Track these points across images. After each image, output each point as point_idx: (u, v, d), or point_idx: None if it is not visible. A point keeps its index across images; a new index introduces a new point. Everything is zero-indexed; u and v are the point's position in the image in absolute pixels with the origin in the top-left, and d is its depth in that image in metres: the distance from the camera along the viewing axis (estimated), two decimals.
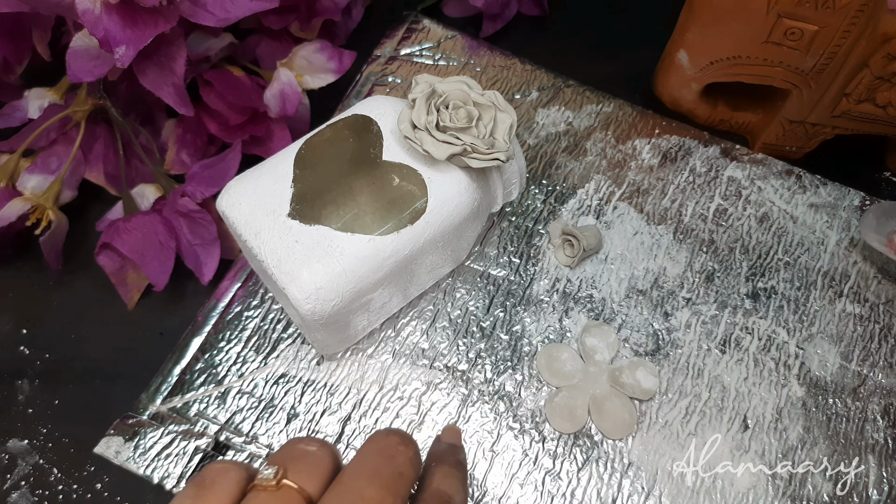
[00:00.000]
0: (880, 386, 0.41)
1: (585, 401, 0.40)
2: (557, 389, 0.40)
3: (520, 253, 0.43)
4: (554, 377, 0.40)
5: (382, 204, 0.36)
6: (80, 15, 0.37)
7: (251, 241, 0.36)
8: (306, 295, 0.35)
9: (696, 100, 0.48)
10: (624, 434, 0.39)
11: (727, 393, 0.40)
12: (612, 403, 0.39)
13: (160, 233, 0.41)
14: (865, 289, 0.44)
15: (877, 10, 0.38)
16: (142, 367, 0.41)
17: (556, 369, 0.40)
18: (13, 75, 0.45)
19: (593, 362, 0.40)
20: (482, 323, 0.42)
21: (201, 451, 0.38)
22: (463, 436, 0.39)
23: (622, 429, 0.39)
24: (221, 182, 0.41)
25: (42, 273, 0.45)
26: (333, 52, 0.46)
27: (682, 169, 0.47)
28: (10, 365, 0.42)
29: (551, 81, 0.49)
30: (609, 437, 0.39)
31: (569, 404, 0.39)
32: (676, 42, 0.46)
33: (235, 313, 0.41)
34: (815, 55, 0.42)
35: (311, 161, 0.37)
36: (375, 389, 0.40)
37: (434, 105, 0.37)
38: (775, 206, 0.46)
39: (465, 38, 0.50)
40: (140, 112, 0.46)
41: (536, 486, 0.38)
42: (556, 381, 0.40)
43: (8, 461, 0.40)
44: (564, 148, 0.47)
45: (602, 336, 0.41)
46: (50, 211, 0.42)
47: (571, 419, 0.39)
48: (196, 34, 0.43)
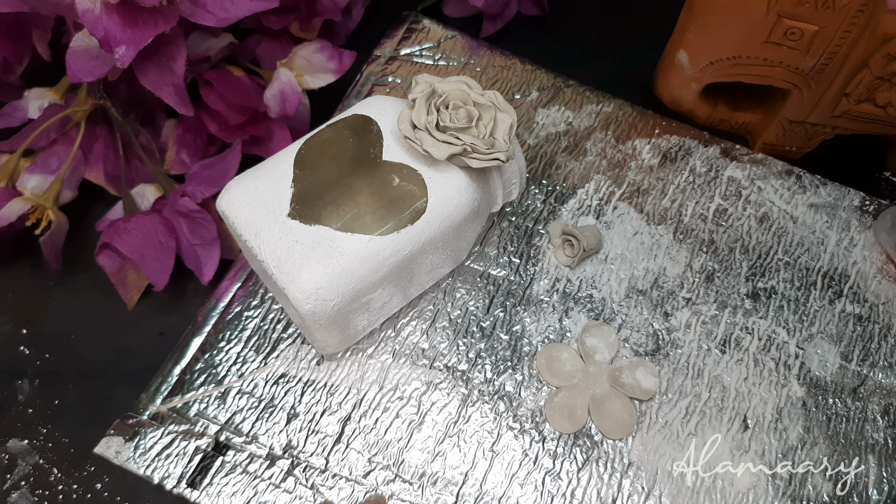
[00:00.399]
0: (880, 386, 0.41)
1: (585, 401, 0.40)
2: (557, 389, 0.40)
3: (520, 253, 0.44)
4: (554, 377, 0.40)
5: (382, 204, 0.36)
6: (80, 15, 0.37)
7: (251, 241, 0.36)
8: (306, 295, 0.35)
9: (696, 100, 0.48)
10: (624, 434, 0.39)
11: (727, 393, 0.40)
12: (611, 403, 0.39)
13: (160, 233, 0.41)
14: (865, 289, 0.44)
15: (877, 10, 0.38)
16: (142, 367, 0.41)
17: (556, 369, 0.40)
18: (13, 75, 0.45)
19: (593, 362, 0.40)
20: (482, 323, 0.42)
21: (201, 451, 0.38)
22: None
23: (622, 429, 0.39)
24: (221, 182, 0.41)
25: (42, 273, 0.45)
26: (333, 52, 0.46)
27: (682, 169, 0.47)
28: (10, 365, 0.42)
29: (551, 81, 0.49)
30: (609, 437, 0.39)
31: (569, 404, 0.39)
32: (676, 42, 0.46)
33: (235, 313, 0.41)
34: (815, 55, 0.42)
35: (311, 161, 0.37)
36: (375, 389, 0.40)
37: (434, 105, 0.37)
38: (775, 206, 0.46)
39: (465, 38, 0.50)
40: (140, 112, 0.46)
41: (536, 486, 0.38)
42: (556, 381, 0.40)
43: (8, 461, 0.40)
44: (564, 148, 0.47)
45: (602, 336, 0.41)
46: (50, 211, 0.42)
47: (571, 419, 0.39)
48: (196, 34, 0.43)
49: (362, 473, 0.38)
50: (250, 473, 0.37)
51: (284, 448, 0.38)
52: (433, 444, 0.39)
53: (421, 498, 0.37)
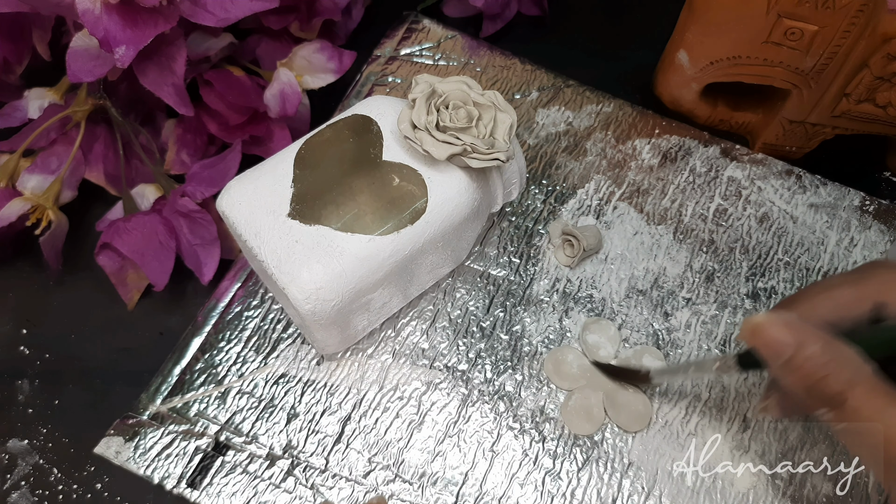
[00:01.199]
0: None
1: (599, 399, 0.39)
2: (570, 393, 0.40)
3: (520, 253, 0.43)
4: (564, 381, 0.40)
5: (382, 204, 0.36)
6: (80, 15, 0.37)
7: (251, 241, 0.36)
8: (306, 295, 0.35)
9: (696, 100, 0.48)
10: (642, 426, 0.39)
11: (727, 393, 0.40)
12: (624, 396, 0.39)
13: (160, 233, 0.41)
14: None
15: (877, 10, 0.38)
16: (142, 367, 0.41)
17: (564, 373, 0.40)
18: (13, 75, 0.45)
19: (599, 358, 0.40)
20: (482, 323, 0.42)
21: (201, 451, 0.38)
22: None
23: (639, 420, 0.39)
24: (221, 182, 0.41)
25: (42, 273, 0.45)
26: (333, 52, 0.46)
27: (682, 169, 0.47)
28: (10, 365, 0.42)
29: (551, 81, 0.49)
30: (628, 430, 0.39)
31: (584, 405, 0.39)
32: (676, 42, 0.46)
33: (235, 313, 0.41)
34: (815, 55, 0.42)
35: (311, 161, 0.37)
36: (375, 389, 0.40)
37: (434, 105, 0.37)
38: (775, 206, 0.46)
39: (465, 38, 0.50)
40: (140, 112, 0.46)
41: (536, 486, 0.38)
42: (568, 384, 0.40)
43: (8, 461, 0.40)
44: (564, 148, 0.47)
45: (602, 331, 0.41)
46: (50, 211, 0.42)
47: (590, 419, 0.39)
48: (196, 34, 0.43)
49: (362, 473, 0.38)
50: (250, 473, 0.37)
51: (284, 448, 0.38)
52: (433, 444, 0.39)
53: (421, 498, 0.37)
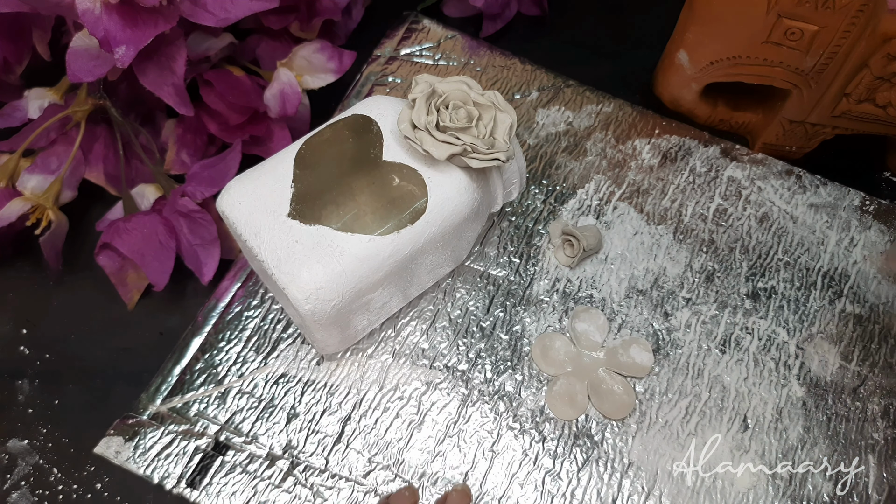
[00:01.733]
0: (880, 386, 0.41)
1: (584, 386, 0.40)
2: (555, 378, 0.40)
3: (520, 253, 0.43)
4: (550, 366, 0.40)
5: (382, 204, 0.36)
6: (80, 15, 0.37)
7: (251, 241, 0.36)
8: (306, 295, 0.35)
9: (696, 100, 0.48)
10: (624, 414, 0.39)
11: (727, 393, 0.40)
12: (608, 385, 0.40)
13: (160, 233, 0.41)
14: (865, 289, 0.44)
15: (877, 10, 0.38)
16: (142, 367, 0.41)
17: (551, 358, 0.40)
18: (13, 75, 0.45)
19: (586, 346, 0.41)
20: (482, 323, 0.42)
21: (201, 451, 0.38)
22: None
23: (621, 409, 0.39)
24: (221, 182, 0.41)
25: (42, 273, 0.45)
26: (333, 52, 0.46)
27: (682, 169, 0.47)
28: (10, 365, 0.42)
29: (551, 81, 0.49)
30: (611, 418, 0.39)
31: (569, 391, 0.39)
32: (676, 42, 0.46)
33: (235, 313, 0.41)
34: (815, 55, 0.42)
35: (311, 161, 0.37)
36: (375, 389, 0.40)
37: (434, 105, 0.37)
38: (775, 206, 0.46)
39: (465, 38, 0.50)
40: (140, 112, 0.46)
41: (536, 486, 0.38)
42: (553, 369, 0.40)
43: (8, 461, 0.40)
44: (564, 148, 0.47)
45: (591, 319, 0.41)
46: (50, 211, 0.42)
47: (573, 405, 0.39)
48: (196, 34, 0.43)
49: (362, 473, 0.38)
50: (250, 473, 0.37)
51: (284, 448, 0.38)
52: (433, 444, 0.39)
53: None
